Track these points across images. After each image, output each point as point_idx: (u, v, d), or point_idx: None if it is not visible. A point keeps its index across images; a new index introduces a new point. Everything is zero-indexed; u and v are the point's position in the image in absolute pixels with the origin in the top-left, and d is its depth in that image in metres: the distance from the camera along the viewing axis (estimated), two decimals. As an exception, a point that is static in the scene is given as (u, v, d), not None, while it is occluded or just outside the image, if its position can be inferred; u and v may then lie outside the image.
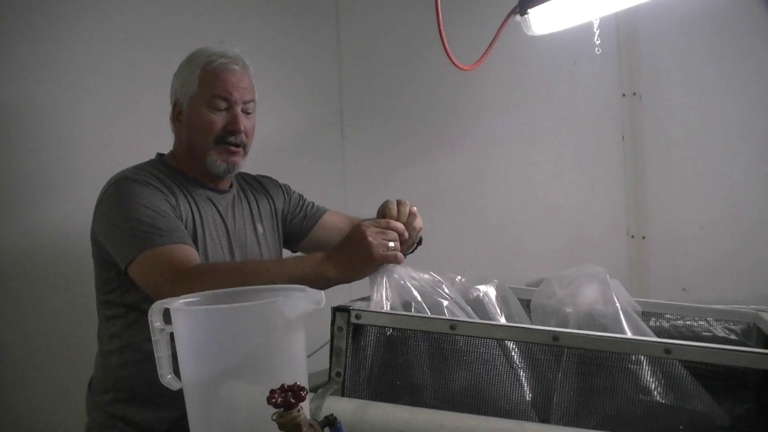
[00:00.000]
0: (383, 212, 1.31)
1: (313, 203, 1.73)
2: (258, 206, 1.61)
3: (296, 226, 1.67)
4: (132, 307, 1.40)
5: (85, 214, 1.46)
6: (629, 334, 1.10)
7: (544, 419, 1.05)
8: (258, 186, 1.65)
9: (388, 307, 1.17)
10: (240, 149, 1.49)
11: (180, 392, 0.92)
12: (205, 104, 1.46)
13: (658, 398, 0.98)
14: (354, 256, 1.23)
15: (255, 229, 1.58)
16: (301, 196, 1.72)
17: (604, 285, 1.19)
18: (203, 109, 1.46)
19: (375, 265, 1.22)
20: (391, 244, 1.24)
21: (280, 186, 1.70)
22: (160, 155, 1.55)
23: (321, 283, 1.24)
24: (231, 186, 1.57)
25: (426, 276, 1.23)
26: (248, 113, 1.50)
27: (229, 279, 1.20)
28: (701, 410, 0.98)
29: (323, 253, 1.28)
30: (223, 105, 1.46)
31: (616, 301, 1.15)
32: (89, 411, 1.48)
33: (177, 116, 1.50)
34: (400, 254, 1.25)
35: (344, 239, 1.27)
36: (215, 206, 1.51)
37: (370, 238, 1.22)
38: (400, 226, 1.28)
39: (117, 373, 1.42)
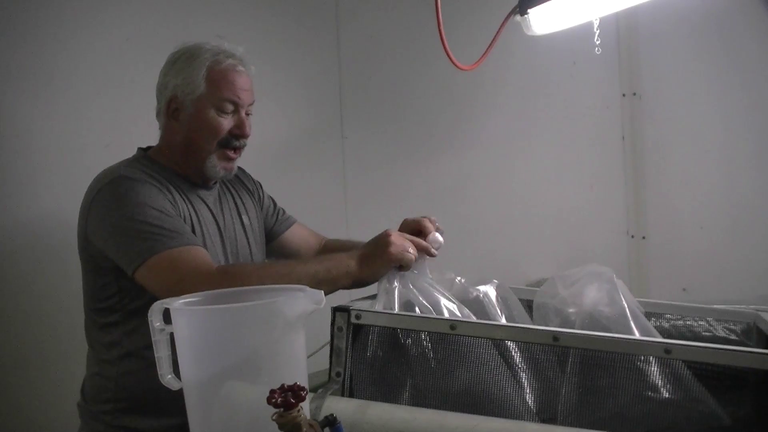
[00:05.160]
0: (419, 229, 1.37)
1: (284, 210, 1.73)
2: (241, 198, 1.60)
3: (268, 225, 1.68)
4: (133, 314, 1.36)
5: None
6: (637, 335, 1.10)
7: (545, 419, 1.05)
8: (235, 179, 1.62)
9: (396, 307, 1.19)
10: (239, 153, 1.48)
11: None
12: (213, 107, 1.42)
13: (658, 398, 0.98)
14: (373, 250, 1.29)
15: (242, 221, 1.56)
16: (271, 198, 1.72)
17: (611, 285, 1.19)
18: (211, 112, 1.42)
19: (390, 262, 1.27)
20: (411, 250, 1.29)
21: (254, 181, 1.69)
22: (143, 150, 1.50)
23: (345, 279, 1.29)
24: (215, 182, 1.55)
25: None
26: (249, 115, 1.49)
27: (258, 282, 1.20)
28: (701, 410, 0.98)
29: (346, 253, 1.32)
30: (230, 108, 1.43)
31: (623, 300, 1.15)
32: (84, 418, 1.44)
33: (172, 113, 1.44)
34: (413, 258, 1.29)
35: (370, 239, 1.33)
36: (205, 203, 1.49)
37: (392, 238, 1.29)
38: (424, 244, 1.33)
39: (118, 382, 1.38)
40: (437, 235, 1.36)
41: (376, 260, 1.27)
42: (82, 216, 1.38)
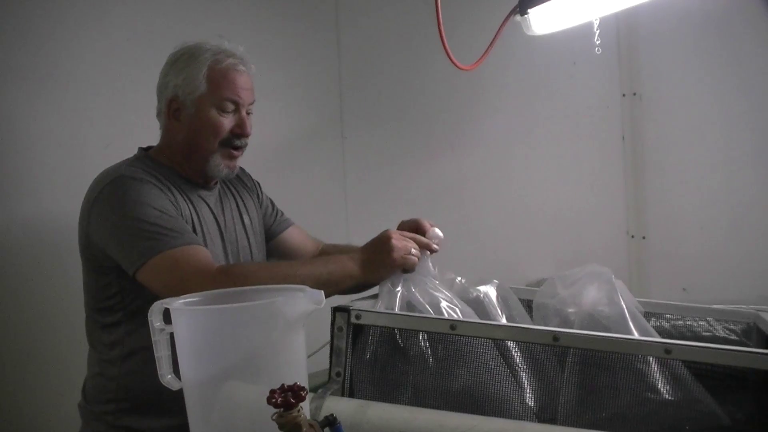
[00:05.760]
0: (416, 228, 1.37)
1: (282, 211, 1.73)
2: (242, 198, 1.60)
3: (266, 224, 1.67)
4: (135, 314, 1.36)
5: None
6: (636, 335, 1.10)
7: (545, 419, 1.05)
8: (236, 178, 1.61)
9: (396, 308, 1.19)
10: (241, 152, 1.48)
11: (185, 398, 0.92)
12: (213, 106, 1.42)
13: (658, 398, 0.98)
14: (376, 255, 1.28)
15: (242, 221, 1.56)
16: (270, 199, 1.72)
17: (610, 285, 1.19)
18: (212, 112, 1.42)
19: (394, 267, 1.27)
20: (414, 251, 1.29)
21: (253, 180, 1.69)
22: (144, 150, 1.49)
23: (348, 282, 1.29)
24: (216, 182, 1.55)
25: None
26: (249, 114, 1.49)
27: (260, 283, 1.18)
28: (701, 410, 0.98)
29: (348, 254, 1.31)
30: (231, 107, 1.43)
31: (622, 301, 1.15)
32: (85, 418, 1.43)
33: (173, 113, 1.44)
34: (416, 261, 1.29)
35: (370, 241, 1.32)
36: (206, 204, 1.49)
37: (393, 241, 1.27)
38: (424, 240, 1.33)
39: (119, 382, 1.38)
40: (437, 230, 1.36)
41: (379, 266, 1.27)
42: (84, 216, 1.38)
